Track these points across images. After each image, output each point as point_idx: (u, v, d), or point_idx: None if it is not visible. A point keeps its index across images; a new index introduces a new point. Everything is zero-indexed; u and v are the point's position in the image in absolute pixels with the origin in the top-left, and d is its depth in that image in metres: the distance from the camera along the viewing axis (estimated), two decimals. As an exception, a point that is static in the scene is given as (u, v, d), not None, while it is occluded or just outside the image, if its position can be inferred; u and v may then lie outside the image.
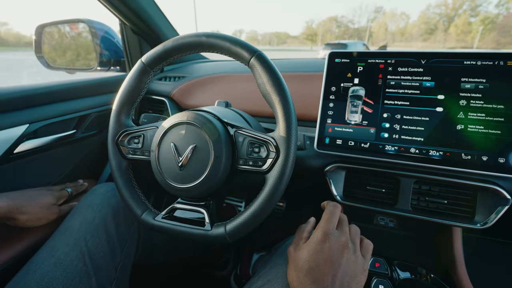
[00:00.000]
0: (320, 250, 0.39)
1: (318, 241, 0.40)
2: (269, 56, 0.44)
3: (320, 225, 0.42)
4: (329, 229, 0.41)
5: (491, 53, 0.51)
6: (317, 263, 0.38)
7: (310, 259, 0.39)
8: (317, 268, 0.38)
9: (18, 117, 0.61)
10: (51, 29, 0.90)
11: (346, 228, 0.43)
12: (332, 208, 0.44)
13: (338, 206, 0.44)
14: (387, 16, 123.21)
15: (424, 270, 0.62)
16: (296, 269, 0.40)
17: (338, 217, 0.43)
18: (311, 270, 0.38)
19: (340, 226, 0.44)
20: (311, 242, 0.41)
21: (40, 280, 0.45)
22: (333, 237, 0.40)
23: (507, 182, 0.53)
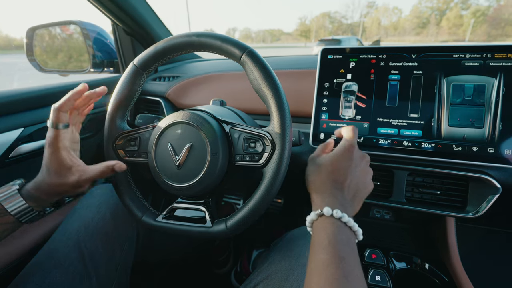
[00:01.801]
0: (345, 156, 0.43)
1: (345, 148, 0.44)
2: (263, 53, 0.44)
3: (345, 137, 0.46)
4: (353, 141, 0.45)
5: (480, 46, 0.53)
6: (340, 168, 0.42)
7: (334, 163, 0.43)
8: (339, 171, 0.42)
9: (13, 121, 0.61)
10: (42, 31, 0.89)
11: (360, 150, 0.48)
12: (353, 128, 0.47)
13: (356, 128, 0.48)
14: (379, 10, 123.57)
15: (419, 260, 0.63)
16: (319, 171, 0.43)
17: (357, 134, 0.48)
18: (334, 171, 0.42)
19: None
20: (337, 149, 0.45)
21: (40, 282, 0.45)
22: (356, 148, 0.44)
23: (497, 171, 0.54)
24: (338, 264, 0.32)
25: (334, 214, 0.36)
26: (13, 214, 0.41)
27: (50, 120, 0.42)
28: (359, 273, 0.32)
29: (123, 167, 0.47)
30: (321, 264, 0.33)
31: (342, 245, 0.34)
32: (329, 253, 0.33)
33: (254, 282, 0.48)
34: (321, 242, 0.35)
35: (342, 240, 0.35)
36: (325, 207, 0.37)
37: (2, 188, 0.42)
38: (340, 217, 0.36)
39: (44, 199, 0.44)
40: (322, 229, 0.36)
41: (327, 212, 0.37)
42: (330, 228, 0.36)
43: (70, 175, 0.43)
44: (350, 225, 0.37)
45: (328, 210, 0.37)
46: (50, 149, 0.42)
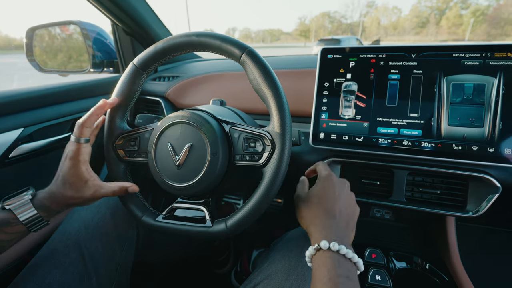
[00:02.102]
0: (328, 185, 0.45)
1: (325, 178, 0.47)
2: (263, 53, 0.44)
3: (321, 169, 0.49)
4: (328, 172, 0.48)
5: (479, 45, 0.53)
6: (326, 196, 0.44)
7: (320, 194, 0.44)
8: (327, 200, 0.43)
9: (13, 121, 0.60)
10: (42, 31, 0.89)
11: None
12: (322, 162, 0.51)
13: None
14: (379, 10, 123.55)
15: (419, 259, 0.63)
16: (308, 206, 0.45)
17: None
18: (322, 201, 0.43)
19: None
20: (318, 181, 0.47)
21: (40, 282, 0.45)
22: (334, 176, 0.47)
23: (497, 171, 0.54)
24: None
25: (332, 247, 0.36)
26: (24, 223, 0.41)
27: (73, 135, 0.44)
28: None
29: (136, 189, 0.49)
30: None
31: (342, 279, 0.34)
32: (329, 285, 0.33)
33: (254, 282, 0.48)
34: (322, 278, 0.34)
35: (342, 274, 0.34)
36: (322, 240, 0.37)
37: (16, 197, 0.42)
38: (338, 249, 0.36)
39: (54, 209, 0.44)
40: (322, 264, 0.36)
41: (325, 245, 0.37)
42: (330, 262, 0.35)
43: (86, 189, 0.44)
44: (349, 257, 0.36)
45: (325, 243, 0.37)
46: (71, 162, 0.44)
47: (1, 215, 0.40)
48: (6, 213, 0.41)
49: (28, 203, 0.42)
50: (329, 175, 0.48)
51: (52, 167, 0.72)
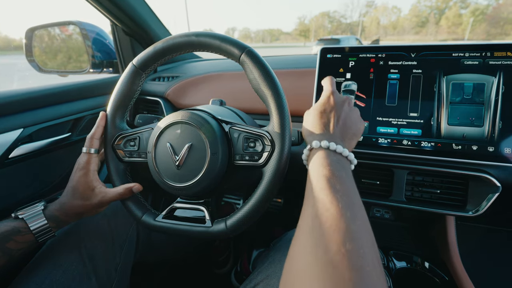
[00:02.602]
0: (327, 102, 0.45)
1: (325, 96, 0.46)
2: (263, 53, 0.44)
3: (324, 88, 0.49)
4: (332, 90, 0.47)
5: (479, 45, 0.53)
6: (325, 110, 0.44)
7: (319, 108, 0.45)
8: (325, 113, 0.44)
9: (12, 121, 0.60)
10: (42, 32, 0.89)
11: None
12: (330, 78, 0.50)
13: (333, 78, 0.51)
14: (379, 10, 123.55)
15: (419, 259, 0.63)
16: (308, 117, 0.45)
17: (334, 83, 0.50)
18: (320, 115, 0.44)
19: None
20: (319, 99, 0.47)
21: (40, 282, 0.45)
22: (336, 94, 0.47)
23: (497, 170, 0.54)
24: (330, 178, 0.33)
25: (322, 144, 0.38)
26: (33, 233, 0.43)
27: (84, 147, 0.49)
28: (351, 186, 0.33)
29: (140, 188, 0.50)
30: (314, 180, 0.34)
31: (333, 165, 0.35)
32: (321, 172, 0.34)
33: (254, 282, 0.48)
34: (314, 167, 0.36)
35: (333, 161, 0.36)
36: (314, 141, 0.39)
37: (28, 208, 0.45)
38: (328, 146, 0.38)
39: (63, 220, 0.47)
40: (315, 158, 0.38)
41: (316, 144, 0.38)
42: (321, 155, 0.37)
43: (94, 197, 0.47)
44: (339, 151, 0.38)
45: (316, 142, 0.39)
46: (82, 172, 0.47)
47: (13, 224, 0.43)
48: (18, 222, 0.43)
49: (40, 214, 0.44)
50: (328, 93, 0.47)
51: (52, 167, 0.73)
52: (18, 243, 0.42)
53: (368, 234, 0.28)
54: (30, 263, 0.49)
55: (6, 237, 0.41)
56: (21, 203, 0.46)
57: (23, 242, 0.43)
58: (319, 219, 0.28)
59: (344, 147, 0.38)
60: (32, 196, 0.67)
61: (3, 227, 0.42)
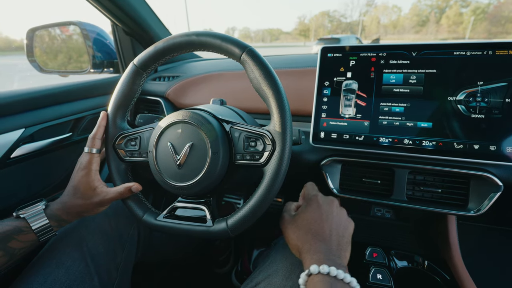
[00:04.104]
0: (314, 208, 0.44)
1: (311, 201, 0.45)
2: (263, 53, 0.44)
3: (306, 192, 0.48)
4: (314, 192, 0.47)
5: (480, 43, 0.52)
6: (314, 219, 0.43)
7: (307, 217, 0.43)
8: (316, 223, 0.42)
9: (14, 121, 0.61)
10: (42, 32, 0.89)
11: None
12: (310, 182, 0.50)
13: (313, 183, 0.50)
14: (379, 9, 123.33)
15: (420, 258, 0.63)
16: (296, 231, 0.43)
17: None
18: (310, 226, 0.42)
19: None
20: (304, 207, 0.46)
21: (42, 281, 0.45)
22: (320, 196, 0.46)
23: (499, 169, 0.54)
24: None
25: (321, 270, 0.35)
26: (35, 232, 0.44)
27: (86, 147, 0.49)
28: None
29: (139, 188, 0.50)
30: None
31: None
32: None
33: (255, 281, 0.48)
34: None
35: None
36: (312, 265, 0.36)
37: (30, 207, 0.46)
38: (328, 272, 0.35)
39: (65, 219, 0.47)
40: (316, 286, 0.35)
41: (314, 270, 0.36)
42: (321, 286, 0.34)
43: (95, 196, 0.47)
44: (341, 278, 0.35)
45: (315, 268, 0.36)
46: (83, 171, 0.48)
47: (15, 223, 0.43)
48: (20, 221, 0.44)
49: (41, 213, 0.45)
50: (314, 197, 0.46)
51: (54, 167, 0.73)
52: (20, 242, 0.43)
53: None
54: (33, 262, 0.49)
55: (8, 236, 0.41)
56: (23, 202, 0.47)
57: (25, 242, 0.43)
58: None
59: (345, 271, 0.36)
60: (34, 196, 0.68)
61: (5, 227, 0.42)
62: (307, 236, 0.41)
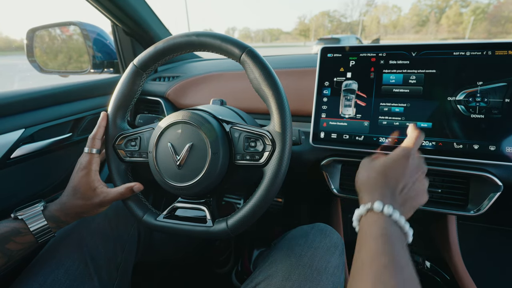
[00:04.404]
0: (400, 163, 0.41)
1: (400, 155, 0.42)
2: (263, 53, 0.44)
3: (403, 145, 0.44)
4: (411, 150, 0.42)
5: (480, 43, 0.52)
6: (394, 170, 0.40)
7: (389, 165, 0.41)
8: (393, 174, 0.40)
9: (14, 122, 0.61)
10: (43, 32, 0.89)
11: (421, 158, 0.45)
12: (418, 134, 0.44)
13: (422, 134, 0.45)
14: (379, 9, 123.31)
15: (420, 258, 0.63)
16: (370, 171, 0.42)
17: (420, 143, 0.45)
18: (387, 173, 0.40)
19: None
20: (392, 155, 0.43)
21: (42, 282, 0.45)
22: (413, 158, 0.42)
23: (499, 169, 0.54)
24: (392, 255, 0.30)
25: (385, 210, 0.35)
26: (33, 234, 0.43)
27: (86, 147, 0.49)
28: (412, 270, 0.30)
29: (141, 187, 0.50)
30: (373, 253, 0.31)
31: (395, 239, 0.32)
32: (382, 244, 0.31)
33: (255, 282, 0.48)
34: (372, 234, 0.33)
35: (394, 234, 0.33)
36: (376, 201, 0.36)
37: (28, 208, 0.45)
38: (391, 214, 0.35)
39: (63, 221, 0.47)
40: (373, 223, 0.35)
41: (378, 207, 0.35)
42: (382, 222, 0.34)
43: (95, 197, 0.47)
44: (401, 225, 0.35)
45: (379, 205, 0.35)
46: (83, 172, 0.47)
47: (13, 224, 0.43)
48: (18, 222, 0.43)
49: (40, 214, 0.44)
50: (406, 153, 0.42)
51: (54, 167, 0.73)
52: (18, 244, 0.42)
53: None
54: (32, 262, 0.49)
55: (5, 238, 0.41)
56: (22, 203, 0.46)
57: (23, 243, 0.43)
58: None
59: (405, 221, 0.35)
60: (34, 196, 0.68)
61: (3, 228, 0.42)
62: (379, 180, 0.40)
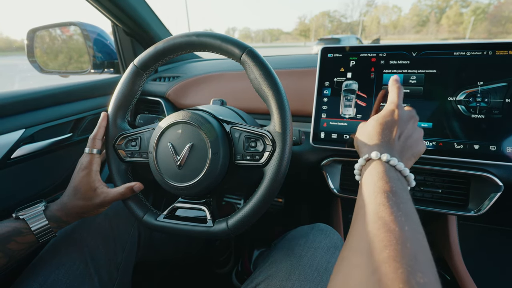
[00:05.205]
0: (389, 114, 0.42)
1: (388, 109, 0.43)
2: (263, 53, 0.44)
3: (388, 100, 0.45)
4: (397, 101, 0.43)
5: (480, 44, 0.52)
6: (386, 122, 0.41)
7: (380, 119, 0.42)
8: (386, 125, 0.41)
9: (14, 122, 0.61)
10: (43, 33, 0.89)
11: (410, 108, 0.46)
12: (398, 86, 0.45)
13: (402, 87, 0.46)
14: (379, 9, 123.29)
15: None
16: (364, 130, 0.43)
17: (402, 94, 0.45)
18: (380, 126, 0.41)
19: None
20: (382, 111, 0.43)
21: (43, 281, 0.45)
22: (401, 108, 0.43)
23: (499, 169, 0.54)
24: (390, 195, 0.29)
25: (382, 157, 0.35)
26: (34, 233, 0.43)
27: (86, 147, 0.49)
28: (412, 207, 0.29)
29: (141, 187, 0.50)
30: (371, 194, 0.31)
31: (394, 181, 0.32)
32: (380, 185, 0.31)
33: (256, 282, 0.48)
34: (372, 178, 0.33)
35: (393, 177, 0.33)
36: (373, 151, 0.37)
37: (29, 208, 0.45)
38: (389, 160, 0.35)
39: (64, 221, 0.47)
40: (372, 169, 0.35)
41: (375, 155, 0.36)
42: (380, 167, 0.34)
43: (96, 197, 0.47)
44: (400, 169, 0.35)
45: (377, 153, 0.36)
46: (84, 172, 0.47)
47: (14, 224, 0.43)
48: (19, 222, 0.43)
49: (41, 214, 0.44)
50: (393, 106, 0.43)
51: (54, 167, 0.73)
52: (19, 243, 0.42)
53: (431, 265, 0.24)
54: (33, 262, 0.49)
55: (7, 238, 0.41)
56: (23, 203, 0.47)
57: (24, 243, 0.43)
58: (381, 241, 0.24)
59: (404, 166, 0.35)
60: (34, 197, 0.68)
61: (4, 228, 0.42)
62: (374, 134, 0.40)
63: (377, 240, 0.24)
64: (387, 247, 0.23)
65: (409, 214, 0.28)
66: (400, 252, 0.22)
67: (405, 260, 0.22)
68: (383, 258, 0.22)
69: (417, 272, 0.21)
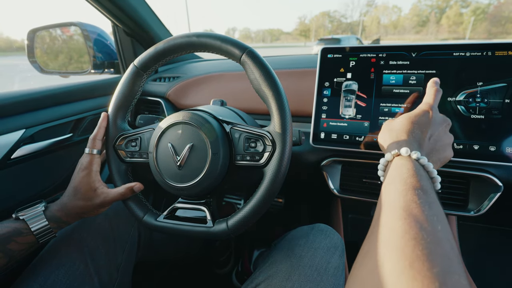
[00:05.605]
0: (423, 114, 0.40)
1: (422, 109, 0.41)
2: (263, 53, 0.44)
3: (424, 101, 0.44)
4: (433, 104, 0.42)
5: (480, 44, 0.53)
6: (418, 121, 0.40)
7: (412, 118, 0.40)
8: (418, 124, 0.39)
9: (14, 122, 0.61)
10: (43, 33, 0.89)
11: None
12: (436, 89, 0.44)
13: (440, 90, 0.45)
14: (379, 9, 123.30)
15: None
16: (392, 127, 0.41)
17: (439, 98, 0.44)
18: (412, 125, 0.39)
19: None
20: (413, 110, 0.42)
21: (43, 282, 0.45)
22: (435, 111, 0.42)
23: (499, 169, 0.54)
24: (421, 193, 0.28)
25: (413, 155, 0.34)
26: (34, 234, 0.43)
27: (87, 148, 0.49)
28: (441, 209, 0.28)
29: (141, 187, 0.50)
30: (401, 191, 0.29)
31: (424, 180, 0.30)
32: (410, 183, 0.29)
33: (256, 282, 0.48)
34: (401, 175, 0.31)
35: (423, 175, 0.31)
36: (403, 147, 0.35)
37: (29, 209, 0.45)
38: (419, 158, 0.33)
39: (64, 221, 0.47)
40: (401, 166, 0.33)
41: (406, 152, 0.34)
42: (410, 165, 0.32)
43: (96, 197, 0.47)
44: (429, 170, 0.33)
45: (407, 150, 0.34)
46: (84, 172, 0.48)
47: (14, 225, 0.43)
48: (19, 223, 0.43)
49: (41, 214, 0.44)
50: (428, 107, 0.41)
51: (54, 168, 0.73)
52: (19, 244, 0.42)
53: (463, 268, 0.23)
54: (33, 263, 0.49)
55: (7, 238, 0.41)
56: (23, 204, 0.47)
57: (24, 243, 0.43)
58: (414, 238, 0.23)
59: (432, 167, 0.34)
60: (34, 197, 0.68)
61: (4, 228, 0.42)
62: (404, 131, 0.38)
63: (409, 237, 0.24)
64: (421, 245, 0.23)
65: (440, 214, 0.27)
66: (434, 251, 0.22)
67: (440, 260, 0.21)
68: (416, 255, 0.22)
69: (453, 274, 0.21)
